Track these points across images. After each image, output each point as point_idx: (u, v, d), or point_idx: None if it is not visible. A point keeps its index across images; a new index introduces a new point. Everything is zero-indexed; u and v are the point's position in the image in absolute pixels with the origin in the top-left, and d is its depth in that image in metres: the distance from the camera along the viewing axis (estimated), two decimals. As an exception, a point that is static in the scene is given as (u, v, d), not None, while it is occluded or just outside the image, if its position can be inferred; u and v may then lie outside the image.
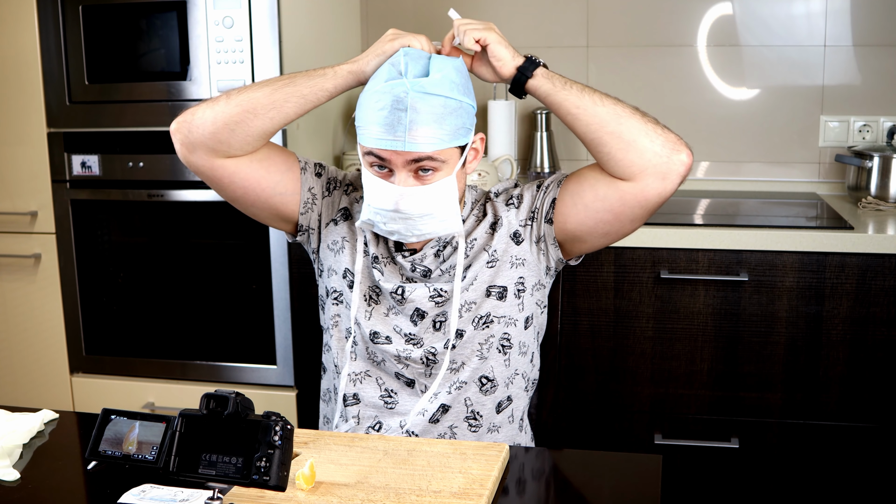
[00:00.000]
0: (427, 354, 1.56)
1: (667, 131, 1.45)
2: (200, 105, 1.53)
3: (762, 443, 2.29)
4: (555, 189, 1.55)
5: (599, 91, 1.48)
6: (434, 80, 1.42)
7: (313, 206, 1.62)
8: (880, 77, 2.68)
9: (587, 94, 1.47)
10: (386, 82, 1.43)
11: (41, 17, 2.46)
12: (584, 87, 1.48)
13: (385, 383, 1.59)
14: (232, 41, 2.35)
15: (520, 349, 1.60)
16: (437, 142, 1.42)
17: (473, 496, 1.19)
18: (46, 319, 2.62)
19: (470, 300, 1.55)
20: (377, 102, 1.42)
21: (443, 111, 1.42)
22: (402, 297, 1.56)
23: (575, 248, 1.58)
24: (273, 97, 1.51)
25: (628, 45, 2.80)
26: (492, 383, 1.58)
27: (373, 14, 2.93)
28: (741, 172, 2.80)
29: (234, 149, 1.53)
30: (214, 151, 1.53)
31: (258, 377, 2.50)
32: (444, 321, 1.55)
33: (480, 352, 1.56)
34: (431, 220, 1.48)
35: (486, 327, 1.56)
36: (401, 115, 1.40)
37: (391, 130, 1.41)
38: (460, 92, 1.45)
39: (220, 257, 2.50)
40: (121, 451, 1.12)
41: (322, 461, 1.30)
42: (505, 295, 1.56)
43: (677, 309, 2.27)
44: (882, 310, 2.18)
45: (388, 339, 1.57)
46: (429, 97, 1.41)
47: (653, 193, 1.45)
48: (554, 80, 1.49)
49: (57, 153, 2.53)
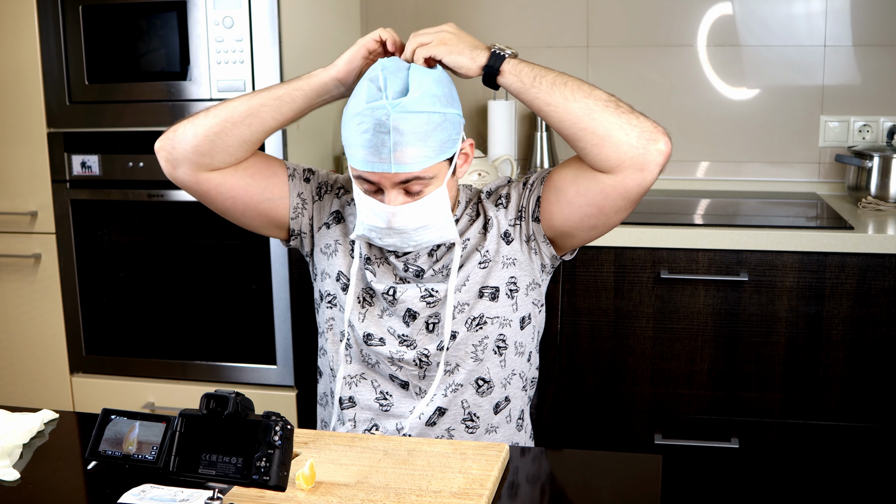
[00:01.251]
0: (420, 356, 1.55)
1: (643, 120, 1.41)
2: (182, 122, 1.55)
3: (762, 443, 2.30)
4: (538, 187, 1.54)
5: (573, 79, 1.44)
6: (414, 97, 1.40)
7: (303, 211, 1.62)
8: (880, 77, 2.68)
9: (558, 89, 1.43)
10: (367, 104, 1.41)
11: (41, 18, 2.46)
12: (555, 80, 1.43)
13: (380, 386, 1.59)
14: (232, 41, 2.35)
15: (516, 350, 1.60)
16: (423, 160, 1.41)
17: (473, 496, 1.19)
18: (46, 319, 2.62)
19: (463, 301, 1.55)
20: (360, 125, 1.41)
21: (426, 128, 1.40)
22: (393, 297, 1.56)
23: (566, 242, 1.57)
24: (249, 104, 1.52)
25: (628, 45, 2.80)
26: (488, 385, 1.58)
27: (373, 14, 2.93)
28: (741, 172, 2.80)
29: (218, 160, 1.54)
30: (198, 165, 1.54)
31: (258, 377, 2.49)
32: (438, 322, 1.55)
33: (475, 353, 1.56)
34: (426, 231, 1.48)
35: (480, 329, 1.56)
36: (384, 138, 1.39)
37: (376, 153, 1.40)
38: (442, 104, 1.43)
39: (220, 257, 2.50)
40: (121, 451, 1.12)
41: (322, 461, 1.30)
42: (497, 295, 1.56)
43: (677, 309, 2.27)
44: (882, 310, 2.18)
45: (382, 341, 1.57)
46: (410, 115, 1.39)
47: (633, 185, 1.43)
48: (523, 75, 1.44)
49: (57, 153, 2.53)
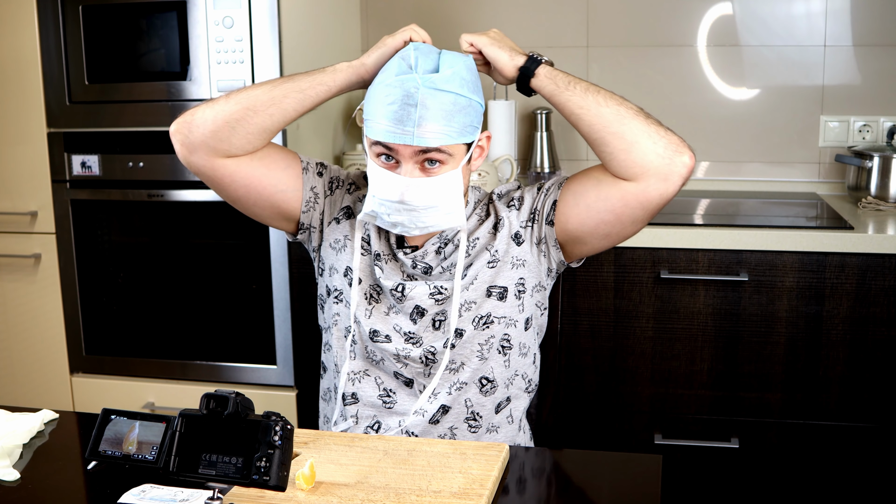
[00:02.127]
0: (426, 353, 1.55)
1: (670, 133, 1.45)
2: (200, 106, 1.54)
3: (762, 443, 2.29)
4: (556, 191, 1.55)
5: (605, 90, 1.48)
6: (445, 76, 1.42)
7: (315, 205, 1.62)
8: (880, 77, 2.68)
9: (591, 95, 1.47)
10: (396, 76, 1.43)
11: (41, 17, 2.46)
12: (588, 87, 1.48)
13: (384, 382, 1.59)
14: (232, 41, 2.35)
15: (520, 350, 1.60)
16: (445, 137, 1.42)
17: (473, 496, 1.19)
18: (46, 319, 2.62)
19: (470, 300, 1.55)
20: (387, 96, 1.42)
21: (452, 108, 1.42)
22: (402, 294, 1.56)
23: (576, 249, 1.58)
24: (272, 93, 1.52)
25: (628, 45, 2.80)
26: (492, 384, 1.58)
27: (373, 14, 2.93)
28: (741, 172, 2.80)
29: (236, 147, 1.53)
30: (215, 151, 1.53)
31: (258, 377, 2.49)
32: (444, 320, 1.55)
33: (481, 352, 1.56)
34: (436, 212, 1.48)
35: (487, 328, 1.56)
36: (410, 111, 1.40)
37: (400, 124, 1.41)
38: (470, 90, 1.45)
39: (220, 257, 2.50)
40: (121, 451, 1.12)
41: (322, 461, 1.30)
42: (505, 295, 1.56)
43: (677, 309, 2.27)
44: (882, 310, 2.18)
45: (388, 338, 1.57)
46: (439, 93, 1.41)
47: (654, 194, 1.45)
48: (557, 79, 1.49)
49: (57, 153, 2.53)
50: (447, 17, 2.85)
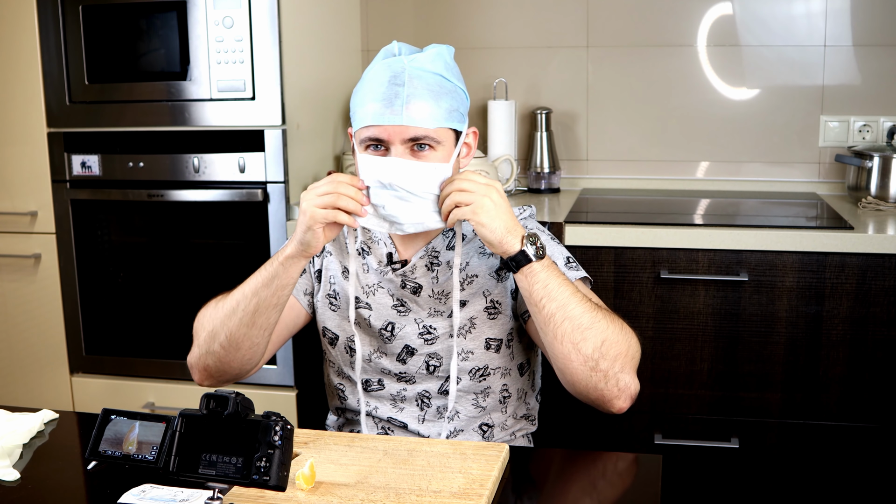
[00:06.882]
0: (422, 397, 1.57)
1: (623, 371, 1.38)
2: (200, 345, 1.61)
3: (762, 443, 2.29)
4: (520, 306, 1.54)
5: (584, 304, 1.37)
6: (429, 55, 1.43)
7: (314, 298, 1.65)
8: (880, 77, 2.68)
9: (566, 299, 1.37)
10: (382, 60, 1.44)
11: (41, 17, 2.47)
12: (567, 303, 1.37)
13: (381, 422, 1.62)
14: (232, 41, 2.35)
15: (518, 395, 1.62)
16: (433, 119, 1.41)
17: (473, 496, 1.19)
18: (46, 319, 2.62)
19: (468, 349, 1.54)
20: (373, 81, 1.43)
21: (439, 89, 1.42)
22: (391, 333, 1.55)
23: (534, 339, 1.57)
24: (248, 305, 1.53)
25: (628, 45, 2.80)
26: (492, 429, 1.60)
27: (373, 14, 2.93)
28: (741, 172, 2.80)
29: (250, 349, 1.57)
30: (240, 362, 1.58)
31: (258, 377, 2.49)
32: (439, 366, 1.55)
33: (476, 401, 1.57)
34: (424, 203, 1.41)
35: (483, 379, 1.56)
36: (398, 90, 1.40)
37: (388, 105, 1.40)
38: (454, 76, 1.46)
39: (220, 257, 2.50)
40: (121, 451, 1.12)
41: (322, 461, 1.30)
42: (500, 347, 1.56)
43: (677, 309, 2.27)
44: (882, 310, 2.18)
45: (381, 384, 1.59)
46: (426, 73, 1.41)
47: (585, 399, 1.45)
48: (537, 286, 1.38)
49: (57, 153, 2.53)
50: (447, 17, 2.85)
